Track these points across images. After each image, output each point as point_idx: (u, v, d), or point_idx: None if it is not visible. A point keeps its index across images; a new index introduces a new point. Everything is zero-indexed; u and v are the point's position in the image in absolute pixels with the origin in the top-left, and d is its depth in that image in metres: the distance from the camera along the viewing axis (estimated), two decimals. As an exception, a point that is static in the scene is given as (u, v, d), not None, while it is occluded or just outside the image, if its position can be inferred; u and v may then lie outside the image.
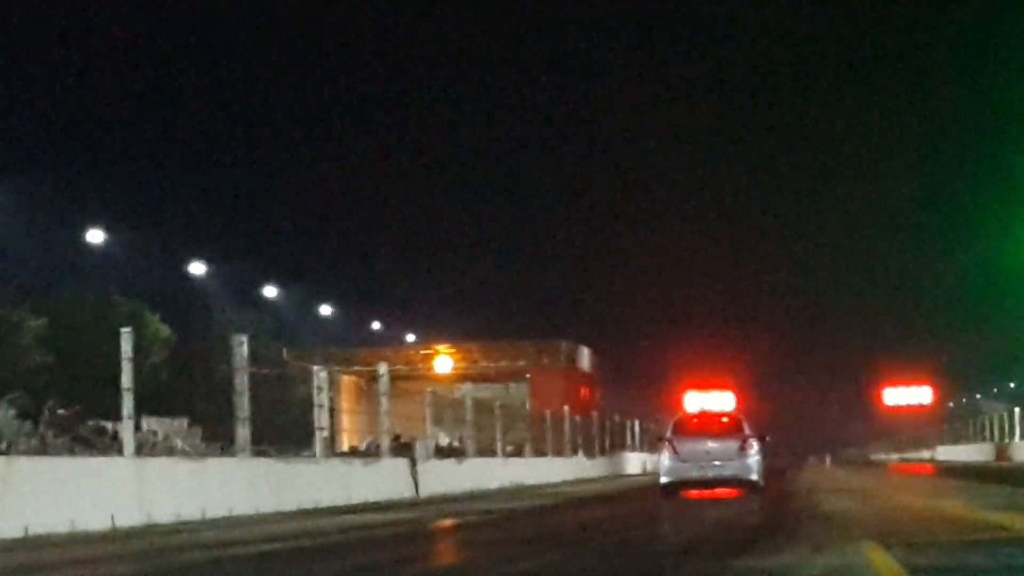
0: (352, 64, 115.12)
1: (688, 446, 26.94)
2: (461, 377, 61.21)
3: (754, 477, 26.61)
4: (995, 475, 35.69)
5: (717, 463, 26.70)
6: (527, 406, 47.80)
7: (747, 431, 27.32)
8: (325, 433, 27.37)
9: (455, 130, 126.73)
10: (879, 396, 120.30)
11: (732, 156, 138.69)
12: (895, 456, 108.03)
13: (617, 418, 61.82)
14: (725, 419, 29.26)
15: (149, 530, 17.95)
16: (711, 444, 26.94)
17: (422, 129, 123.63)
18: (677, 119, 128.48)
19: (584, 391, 68.60)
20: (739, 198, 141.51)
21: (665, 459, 27.29)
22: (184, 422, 37.04)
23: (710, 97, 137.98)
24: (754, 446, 27.00)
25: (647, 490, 34.60)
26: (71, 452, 26.01)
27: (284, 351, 57.77)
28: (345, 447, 39.70)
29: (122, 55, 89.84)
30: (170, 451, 30.55)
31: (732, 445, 26.81)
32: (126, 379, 19.80)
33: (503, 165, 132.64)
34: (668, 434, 27.82)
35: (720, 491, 26.94)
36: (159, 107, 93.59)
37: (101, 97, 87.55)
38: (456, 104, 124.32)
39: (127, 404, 19.77)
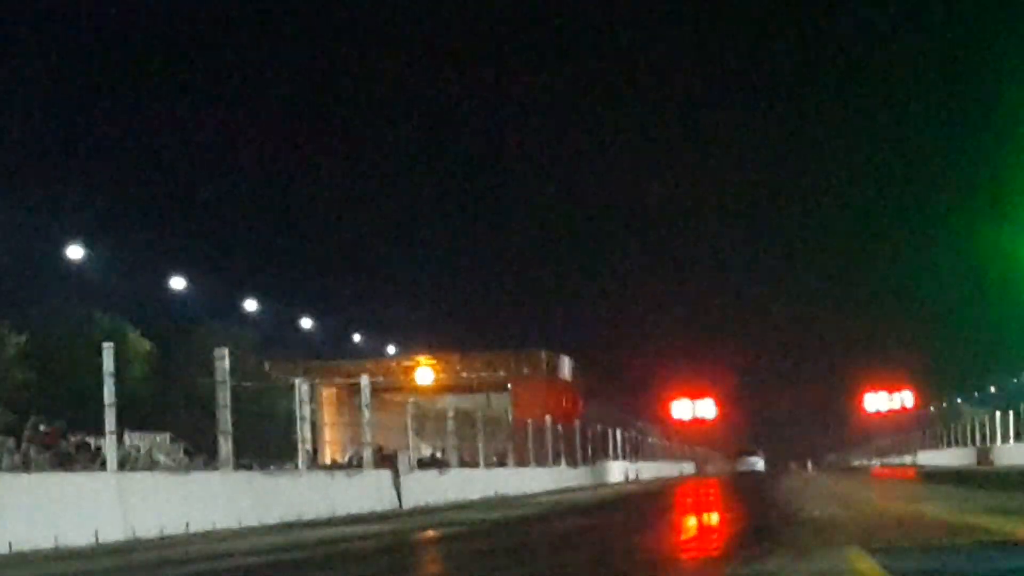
0: (329, 72, 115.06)
1: (743, 458, 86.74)
2: (442, 388, 61.16)
3: (761, 469, 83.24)
4: (977, 479, 35.79)
5: (749, 464, 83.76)
6: (509, 416, 47.73)
7: (759, 452, 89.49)
8: (307, 446, 27.35)
9: (433, 139, 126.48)
10: (860, 401, 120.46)
11: (713, 164, 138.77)
12: (877, 461, 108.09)
13: (599, 427, 61.84)
14: (752, 447, 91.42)
15: (133, 545, 17.93)
16: (748, 458, 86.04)
17: (400, 139, 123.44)
18: (658, 124, 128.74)
19: (566, 400, 68.50)
20: (719, 206, 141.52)
21: (738, 463, 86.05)
22: (167, 436, 36.96)
23: (691, 99, 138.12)
24: (761, 457, 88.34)
25: (630, 499, 34.66)
26: (54, 468, 25.93)
27: (266, 364, 57.68)
28: (327, 459, 39.65)
29: (100, 69, 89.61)
30: (153, 466, 30.45)
31: (755, 458, 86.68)
32: (108, 394, 19.76)
33: (482, 172, 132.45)
34: (737, 455, 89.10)
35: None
36: (139, 121, 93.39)
37: (80, 110, 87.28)
38: (433, 111, 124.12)
39: (109, 419, 19.73)
